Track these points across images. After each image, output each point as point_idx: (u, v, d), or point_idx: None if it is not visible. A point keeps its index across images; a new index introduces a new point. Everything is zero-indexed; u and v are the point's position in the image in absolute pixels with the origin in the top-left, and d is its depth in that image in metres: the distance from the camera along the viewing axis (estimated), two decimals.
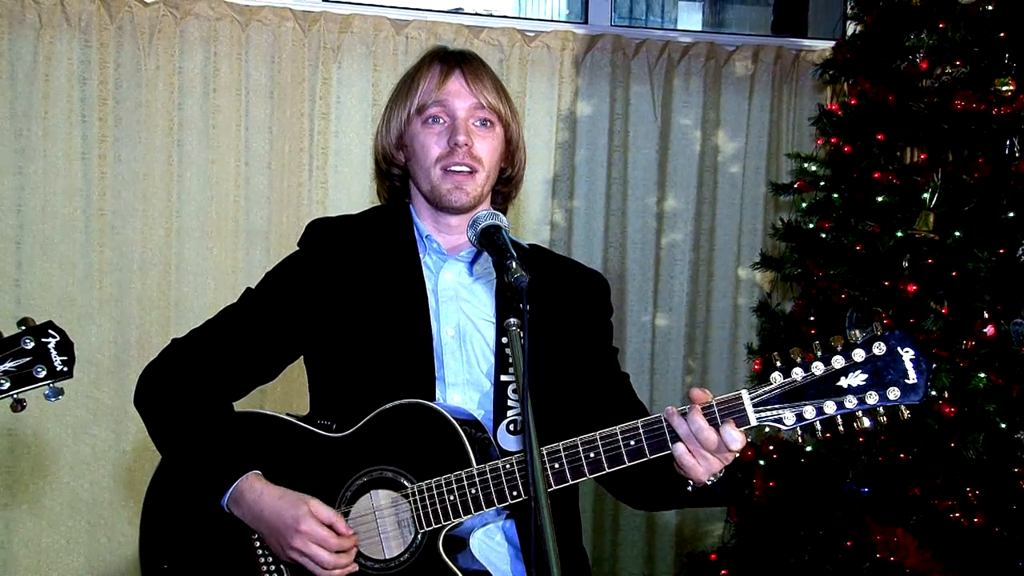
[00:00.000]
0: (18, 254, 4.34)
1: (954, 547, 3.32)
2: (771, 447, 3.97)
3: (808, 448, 3.76)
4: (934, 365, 1.97)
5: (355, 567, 2.16)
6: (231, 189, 4.51)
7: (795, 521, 3.76)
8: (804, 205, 4.04)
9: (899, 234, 3.53)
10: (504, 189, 2.45)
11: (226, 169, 4.50)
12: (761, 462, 3.98)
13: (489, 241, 2.02)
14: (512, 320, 1.85)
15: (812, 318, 3.87)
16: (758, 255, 4.47)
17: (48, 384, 2.05)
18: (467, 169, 2.28)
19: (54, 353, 2.05)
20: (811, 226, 3.95)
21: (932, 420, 3.34)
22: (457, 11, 4.84)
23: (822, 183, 3.97)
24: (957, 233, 3.42)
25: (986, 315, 3.33)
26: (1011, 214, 3.36)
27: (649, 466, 2.04)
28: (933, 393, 3.32)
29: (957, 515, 3.33)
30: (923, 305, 3.48)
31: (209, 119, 4.48)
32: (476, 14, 4.90)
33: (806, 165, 4.06)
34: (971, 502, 3.32)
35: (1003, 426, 3.26)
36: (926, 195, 3.50)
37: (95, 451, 4.45)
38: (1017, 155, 3.44)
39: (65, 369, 2.06)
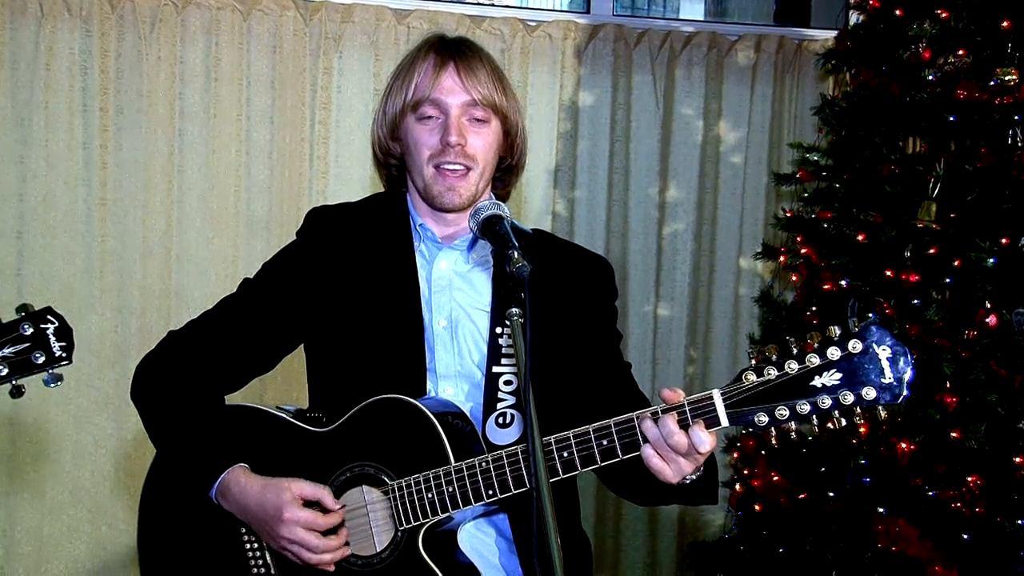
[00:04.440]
0: (19, 244, 4.34)
1: (956, 537, 3.32)
2: (771, 439, 3.97)
3: (810, 438, 3.76)
4: (913, 361, 1.88)
5: (347, 550, 2.16)
6: (232, 179, 4.51)
7: (796, 511, 3.76)
8: (806, 195, 4.04)
9: (901, 224, 3.52)
10: (504, 177, 2.42)
11: (227, 159, 4.50)
12: (763, 452, 3.98)
13: (491, 231, 1.99)
14: (514, 310, 1.82)
15: (814, 308, 3.87)
16: (760, 245, 4.47)
17: (47, 370, 2.03)
18: (460, 168, 2.24)
19: (53, 339, 2.02)
20: (813, 216, 3.95)
21: (934, 410, 3.34)
22: (459, 0, 4.83)
23: (824, 173, 3.97)
24: (959, 223, 3.41)
25: (988, 305, 3.32)
26: (1013, 204, 3.35)
27: (635, 462, 1.99)
28: (931, 384, 3.33)
29: (959, 505, 3.33)
30: (925, 295, 3.48)
31: (210, 109, 4.48)
32: (478, 3, 4.89)
33: (808, 155, 4.05)
34: (973, 492, 3.32)
35: (1005, 416, 3.26)
36: (928, 185, 3.50)
37: (96, 440, 4.46)
38: (1020, 145, 3.43)
39: (64, 355, 2.04)
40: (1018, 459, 3.26)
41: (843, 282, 3.69)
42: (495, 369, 2.25)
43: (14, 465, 4.41)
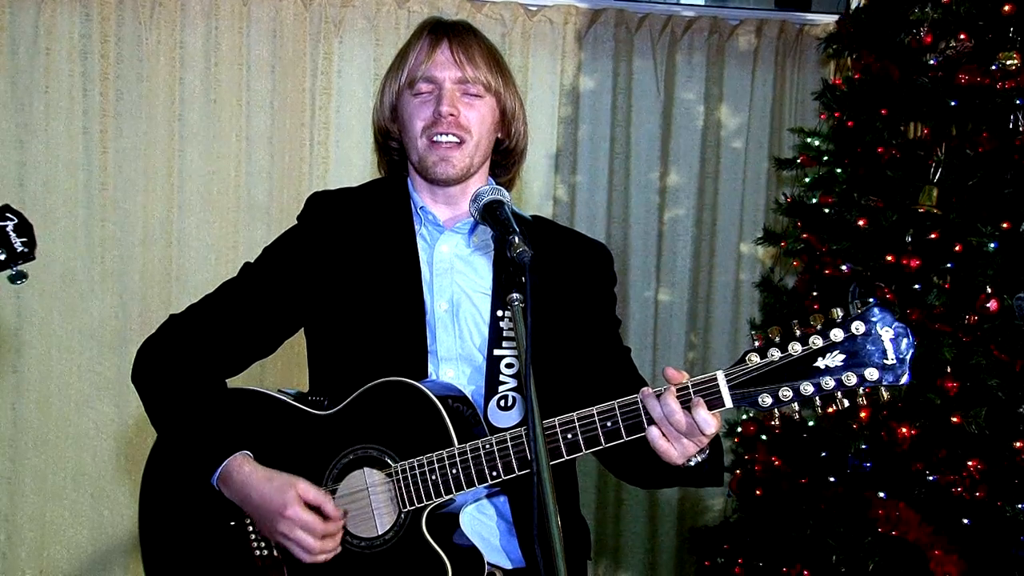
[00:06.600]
0: None
1: (956, 522, 3.33)
2: (773, 421, 3.97)
3: (811, 423, 3.77)
4: (915, 345, 1.87)
5: (339, 549, 2.16)
6: (232, 164, 4.51)
7: (797, 496, 3.77)
8: (807, 180, 4.03)
9: (902, 209, 3.52)
10: (503, 161, 2.43)
11: (227, 144, 4.50)
12: (763, 436, 3.99)
13: (491, 216, 1.99)
14: (515, 295, 1.82)
15: (815, 293, 3.87)
16: (760, 230, 4.47)
17: (10, 267, 1.99)
18: (454, 139, 2.25)
19: (13, 235, 1.99)
20: (814, 201, 3.94)
21: (934, 395, 3.34)
22: None
23: (825, 158, 3.96)
24: (960, 208, 3.41)
25: (989, 290, 3.32)
26: (1014, 189, 3.35)
27: (638, 445, 2.00)
28: (932, 369, 3.33)
29: (959, 490, 3.33)
30: (926, 280, 3.48)
31: (210, 94, 4.47)
32: None
33: (809, 140, 4.05)
34: (973, 477, 3.33)
35: (1005, 401, 3.26)
36: (929, 170, 3.49)
37: (98, 425, 4.47)
38: (1021, 129, 3.42)
39: (26, 250, 2.00)
40: (1018, 444, 3.27)
41: (844, 267, 3.69)
42: (496, 352, 2.25)
43: (16, 450, 4.42)
